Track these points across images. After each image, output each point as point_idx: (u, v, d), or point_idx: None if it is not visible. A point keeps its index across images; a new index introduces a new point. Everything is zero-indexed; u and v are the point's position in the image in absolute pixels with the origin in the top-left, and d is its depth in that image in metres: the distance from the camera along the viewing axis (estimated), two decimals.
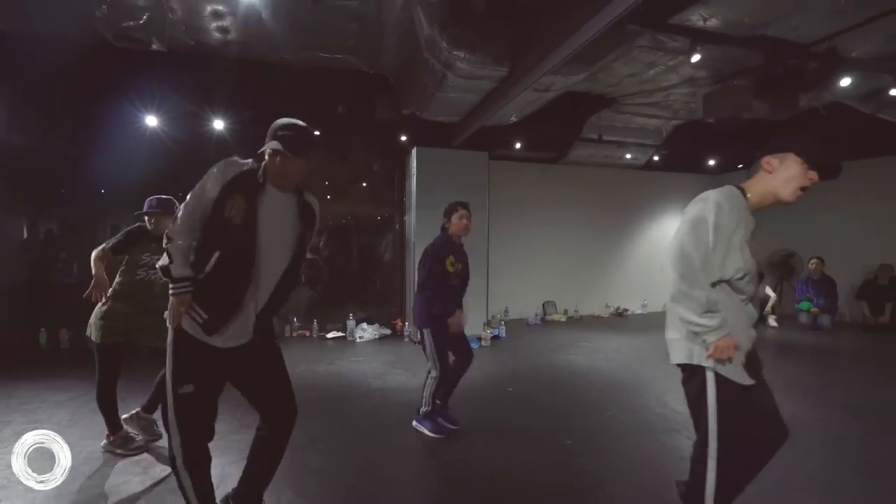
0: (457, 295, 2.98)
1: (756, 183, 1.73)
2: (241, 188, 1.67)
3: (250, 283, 1.70)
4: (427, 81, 4.12)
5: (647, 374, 4.32)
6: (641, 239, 8.12)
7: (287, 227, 1.78)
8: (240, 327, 1.71)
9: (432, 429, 2.98)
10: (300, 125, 1.76)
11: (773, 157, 1.69)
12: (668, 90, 5.52)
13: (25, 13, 3.48)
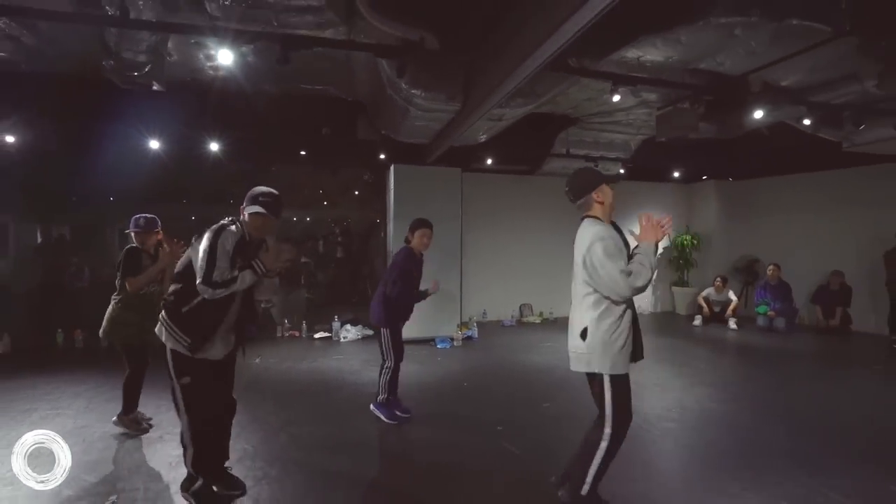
0: (415, 300, 3.56)
1: (599, 211, 2.31)
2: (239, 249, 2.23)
3: (227, 316, 2.27)
4: (394, 112, 4.65)
5: (570, 376, 4.83)
6: None
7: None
8: (221, 346, 2.30)
9: (387, 415, 3.50)
10: (275, 193, 2.34)
11: (596, 192, 2.29)
12: (627, 111, 6.00)
13: (49, 60, 4.07)
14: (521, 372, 4.89)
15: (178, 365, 2.24)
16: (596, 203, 2.28)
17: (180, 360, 2.23)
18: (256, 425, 3.40)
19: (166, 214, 3.49)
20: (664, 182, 8.66)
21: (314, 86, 5.04)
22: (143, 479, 2.66)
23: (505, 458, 2.97)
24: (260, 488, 2.56)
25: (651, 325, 7.60)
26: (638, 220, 2.31)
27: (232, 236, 2.21)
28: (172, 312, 2.25)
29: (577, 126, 6.67)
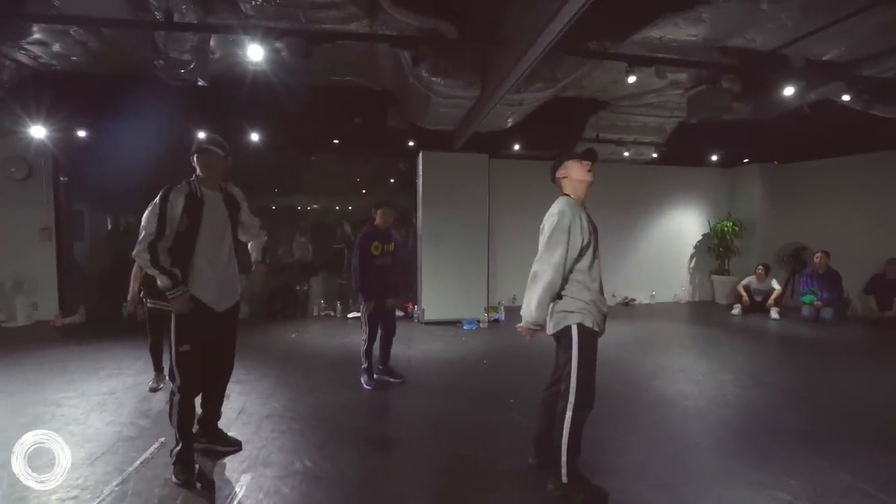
0: (384, 272, 3.79)
1: (568, 187, 2.40)
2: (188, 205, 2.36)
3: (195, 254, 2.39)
4: (418, 100, 4.83)
5: (614, 355, 4.85)
6: (651, 231, 8.39)
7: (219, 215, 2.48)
8: (220, 293, 2.43)
9: (367, 381, 3.82)
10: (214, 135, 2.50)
11: (558, 172, 2.41)
12: (658, 92, 5.87)
13: (111, 62, 4.57)
14: (543, 353, 4.94)
15: (180, 333, 2.38)
16: (562, 180, 2.38)
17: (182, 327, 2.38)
18: (287, 388, 3.75)
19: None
20: (702, 167, 8.34)
21: (343, 77, 5.32)
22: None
23: (511, 426, 3.13)
24: (284, 440, 2.87)
25: (687, 314, 7.43)
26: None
27: (178, 195, 2.33)
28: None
29: (608, 110, 6.58)
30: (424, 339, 5.52)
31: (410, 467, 2.63)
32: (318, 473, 2.49)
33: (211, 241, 2.41)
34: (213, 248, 2.43)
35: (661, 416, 3.32)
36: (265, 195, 8.69)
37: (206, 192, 2.44)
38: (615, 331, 6.02)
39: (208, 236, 2.40)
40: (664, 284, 8.32)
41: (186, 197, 2.35)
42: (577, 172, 2.33)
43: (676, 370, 4.34)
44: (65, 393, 3.60)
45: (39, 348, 4.96)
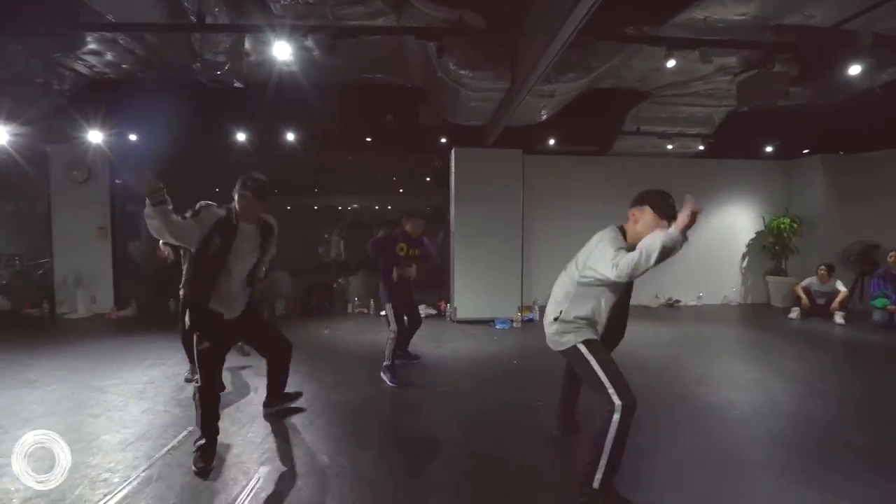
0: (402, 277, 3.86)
1: (628, 228, 2.27)
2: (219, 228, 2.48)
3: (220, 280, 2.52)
4: (447, 95, 4.76)
5: (656, 358, 4.58)
6: (698, 228, 7.88)
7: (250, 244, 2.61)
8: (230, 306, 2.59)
9: (391, 379, 3.80)
10: (261, 178, 2.58)
11: (636, 209, 2.25)
12: (704, 79, 5.50)
13: (158, 68, 4.81)
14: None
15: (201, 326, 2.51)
16: (630, 220, 2.26)
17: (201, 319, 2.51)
18: (314, 383, 3.78)
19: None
20: (756, 159, 7.77)
21: (374, 75, 5.33)
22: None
23: (537, 429, 2.99)
24: (305, 434, 2.88)
25: (738, 317, 6.94)
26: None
27: (211, 216, 2.47)
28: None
29: (649, 101, 6.26)
30: (455, 338, 5.44)
31: (429, 467, 2.56)
32: (335, 470, 2.46)
33: (236, 265, 2.55)
34: (235, 271, 2.56)
35: (703, 425, 3.07)
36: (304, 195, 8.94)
37: (242, 224, 2.56)
38: (657, 333, 5.71)
39: (234, 261, 2.54)
40: (713, 285, 7.82)
41: (220, 222, 2.48)
42: (650, 226, 2.17)
43: (723, 376, 4.03)
44: (110, 381, 3.80)
45: (93, 339, 5.30)
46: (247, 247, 2.58)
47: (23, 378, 3.85)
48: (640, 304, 7.64)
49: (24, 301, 6.82)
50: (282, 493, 2.24)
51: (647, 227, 2.16)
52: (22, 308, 6.76)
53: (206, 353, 2.49)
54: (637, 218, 2.21)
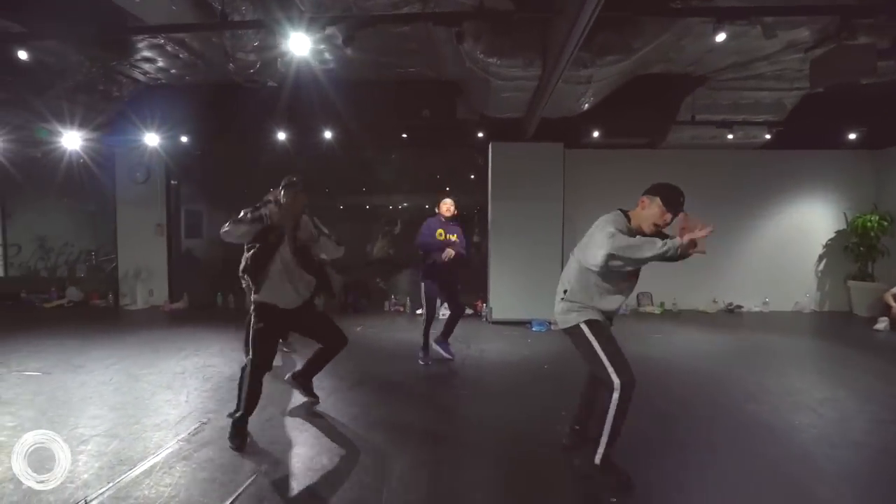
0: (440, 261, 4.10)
1: (635, 214, 2.33)
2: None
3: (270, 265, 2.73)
4: (479, 86, 4.57)
5: (706, 368, 4.13)
6: (764, 227, 7.14)
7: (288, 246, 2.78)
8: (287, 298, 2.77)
9: (421, 357, 4.27)
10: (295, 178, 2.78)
11: (647, 197, 2.30)
12: (770, 59, 4.91)
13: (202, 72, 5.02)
14: None
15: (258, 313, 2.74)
16: (639, 207, 2.32)
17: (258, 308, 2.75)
18: (333, 379, 3.74)
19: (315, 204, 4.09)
20: (836, 149, 6.88)
21: (407, 69, 5.24)
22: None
23: (556, 439, 2.74)
24: (310, 433, 2.83)
25: (812, 327, 6.18)
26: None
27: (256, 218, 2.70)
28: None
29: (707, 86, 5.69)
30: (488, 339, 5.24)
31: (434, 475, 2.40)
32: (333, 473, 2.37)
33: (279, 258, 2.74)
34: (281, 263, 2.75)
35: (750, 449, 2.67)
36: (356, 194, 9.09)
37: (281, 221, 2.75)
38: (712, 341, 5.18)
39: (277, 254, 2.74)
40: (782, 290, 7.03)
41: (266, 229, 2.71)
42: (652, 214, 2.27)
43: (783, 393, 3.53)
44: (147, 369, 3.98)
45: (144, 329, 5.63)
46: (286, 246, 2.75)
47: (73, 363, 4.12)
48: (696, 309, 7.02)
49: (93, 292, 7.43)
50: (274, 494, 2.17)
51: (652, 216, 2.26)
52: (91, 299, 7.36)
53: (260, 332, 2.72)
54: (645, 205, 2.29)
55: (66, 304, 7.25)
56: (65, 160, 6.71)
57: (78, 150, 6.50)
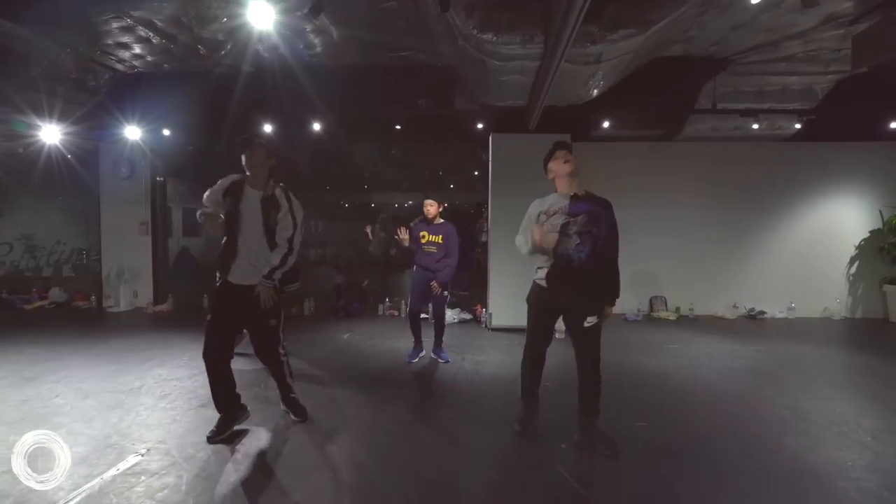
0: (431, 257, 4.11)
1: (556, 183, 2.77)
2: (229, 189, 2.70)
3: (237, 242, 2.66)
4: (475, 69, 4.10)
5: (727, 389, 3.62)
6: (790, 226, 6.56)
7: (253, 213, 2.67)
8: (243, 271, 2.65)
9: (408, 354, 4.35)
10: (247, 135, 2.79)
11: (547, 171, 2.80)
12: (804, 37, 4.38)
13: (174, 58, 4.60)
14: (625, 377, 3.93)
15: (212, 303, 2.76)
16: (550, 178, 2.76)
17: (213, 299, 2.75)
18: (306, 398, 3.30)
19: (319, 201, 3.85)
20: (873, 141, 6.28)
21: (399, 52, 4.80)
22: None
23: (549, 479, 2.28)
24: (250, 463, 2.39)
25: (845, 336, 5.62)
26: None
27: (225, 180, 2.74)
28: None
29: (729, 71, 5.16)
30: (485, 349, 4.77)
31: None
32: None
33: (247, 231, 2.66)
34: (248, 237, 2.66)
35: (794, 500, 2.18)
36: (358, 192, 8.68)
37: (248, 189, 2.69)
38: (734, 354, 4.66)
39: (245, 226, 2.65)
40: (809, 294, 6.46)
41: (233, 183, 2.72)
42: (556, 167, 2.70)
43: (826, 421, 3.01)
44: (103, 382, 3.59)
45: (121, 334, 5.27)
46: (252, 214, 2.65)
47: (24, 375, 3.75)
48: (714, 315, 6.48)
49: (77, 293, 7.11)
50: None
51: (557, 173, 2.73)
52: (74, 300, 7.04)
53: (208, 323, 2.67)
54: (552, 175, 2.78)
55: (47, 306, 6.94)
56: (44, 155, 6.39)
57: (58, 144, 6.19)
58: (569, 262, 2.53)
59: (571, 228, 2.53)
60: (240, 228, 2.65)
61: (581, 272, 2.51)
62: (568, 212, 2.56)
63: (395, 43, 4.59)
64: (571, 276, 2.53)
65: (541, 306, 2.66)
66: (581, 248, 2.52)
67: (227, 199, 2.67)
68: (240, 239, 2.65)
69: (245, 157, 2.67)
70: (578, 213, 2.55)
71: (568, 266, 2.53)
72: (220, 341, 2.66)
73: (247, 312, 2.70)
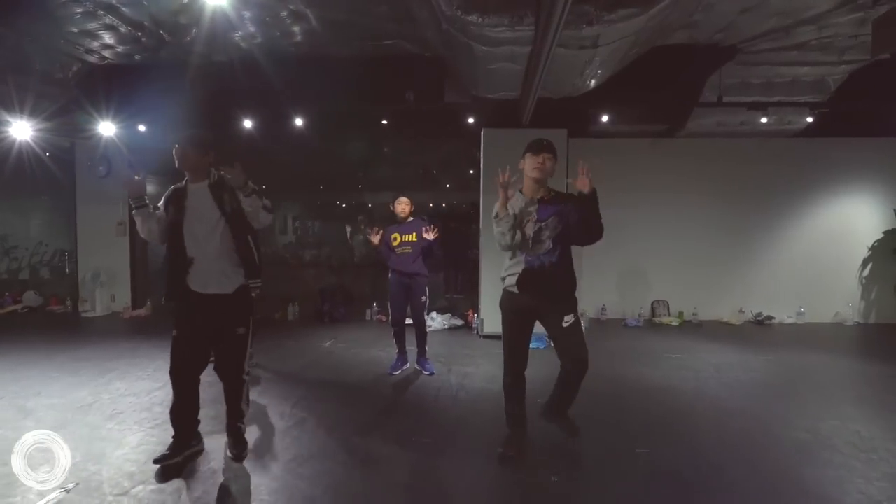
0: (406, 259, 3.90)
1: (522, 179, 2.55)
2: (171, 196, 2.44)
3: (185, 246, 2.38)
4: (462, 57, 3.79)
5: (737, 406, 3.30)
6: (800, 226, 6.23)
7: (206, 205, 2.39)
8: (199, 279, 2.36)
9: (391, 365, 4.05)
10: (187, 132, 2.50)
11: (522, 160, 2.54)
12: (819, 22, 4.05)
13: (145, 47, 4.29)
14: (626, 392, 3.62)
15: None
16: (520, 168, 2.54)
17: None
18: (266, 419, 2.99)
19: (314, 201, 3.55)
20: (888, 137, 5.95)
21: (381, 42, 4.48)
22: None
23: None
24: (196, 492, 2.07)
25: (859, 343, 5.32)
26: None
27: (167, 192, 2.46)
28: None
29: (736, 61, 4.83)
30: (474, 359, 4.45)
31: None
32: None
33: (198, 232, 2.39)
34: (201, 238, 2.38)
35: None
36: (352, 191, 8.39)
37: (191, 186, 2.45)
38: (741, 364, 4.33)
39: (194, 227, 2.39)
40: (819, 298, 6.12)
41: (174, 190, 2.46)
42: (527, 168, 2.49)
43: (852, 446, 2.67)
44: (51, 399, 3.28)
45: (90, 341, 4.98)
46: (205, 207, 2.39)
47: None
48: (719, 320, 6.15)
49: (52, 297, 6.81)
50: None
51: (526, 171, 2.51)
52: (49, 304, 6.74)
53: (173, 341, 2.39)
54: (522, 166, 2.53)
55: (20, 311, 6.64)
56: (15, 152, 6.09)
57: (30, 140, 5.90)
58: (540, 267, 2.44)
59: (544, 234, 2.43)
60: (190, 229, 2.38)
61: (552, 275, 2.43)
62: (538, 218, 2.45)
63: (378, 29, 4.27)
64: (542, 280, 2.43)
65: (514, 311, 2.51)
66: (552, 251, 2.43)
67: (171, 207, 2.41)
68: (189, 240, 2.37)
69: (178, 164, 2.40)
70: (548, 217, 2.44)
71: (540, 271, 2.44)
72: (188, 359, 2.38)
73: (214, 324, 2.40)
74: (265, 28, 4.25)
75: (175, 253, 2.39)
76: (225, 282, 2.39)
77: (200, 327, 2.37)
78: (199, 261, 2.37)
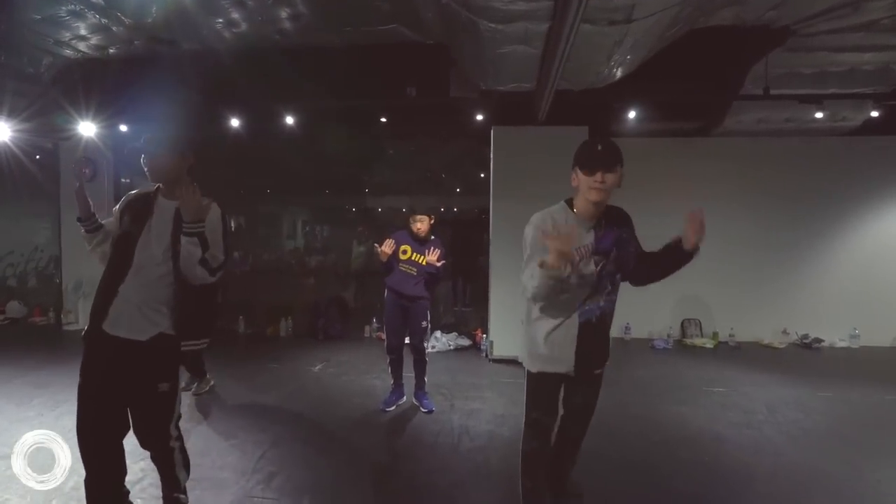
0: (407, 280, 3.39)
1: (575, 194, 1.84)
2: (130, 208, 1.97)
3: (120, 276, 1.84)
4: (466, 40, 3.23)
5: (769, 442, 2.65)
6: (855, 237, 5.51)
7: (164, 229, 1.88)
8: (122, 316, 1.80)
9: (384, 401, 3.50)
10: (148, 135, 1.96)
11: (573, 172, 1.81)
12: None
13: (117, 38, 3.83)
14: (662, 442, 2.98)
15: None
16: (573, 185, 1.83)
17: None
18: (234, 457, 2.46)
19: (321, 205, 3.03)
20: None
21: (376, 27, 3.96)
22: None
23: None
24: None
25: (875, 366, 4.60)
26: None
27: (124, 199, 2.07)
28: None
29: (787, 46, 4.17)
30: (481, 390, 3.86)
31: None
32: None
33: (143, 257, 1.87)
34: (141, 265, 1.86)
35: None
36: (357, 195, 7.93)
37: (160, 200, 1.96)
38: (788, 395, 3.66)
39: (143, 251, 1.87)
40: (876, 318, 5.38)
41: (138, 196, 2.01)
42: (583, 188, 1.77)
43: (871, 471, 2.02)
44: None
45: (56, 360, 4.49)
46: (163, 230, 1.89)
47: None
48: (760, 342, 5.46)
49: (36, 308, 6.44)
50: None
51: (581, 189, 1.79)
52: (31, 315, 6.37)
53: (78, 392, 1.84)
54: (575, 181, 1.80)
55: (1, 322, 6.26)
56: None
57: (8, 142, 5.52)
58: (598, 319, 1.83)
59: (605, 271, 1.81)
60: (132, 254, 1.85)
61: (604, 328, 1.89)
62: (596, 249, 1.80)
63: (370, 9, 3.73)
64: (596, 335, 1.85)
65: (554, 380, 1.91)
66: (610, 294, 1.86)
67: (126, 217, 1.95)
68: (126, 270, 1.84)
69: (150, 175, 1.94)
70: (610, 248, 1.83)
71: (597, 324, 1.84)
72: (98, 419, 1.83)
73: (127, 376, 1.82)
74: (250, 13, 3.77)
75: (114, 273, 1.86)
76: (140, 324, 1.82)
77: (109, 378, 1.82)
78: (125, 297, 1.83)
